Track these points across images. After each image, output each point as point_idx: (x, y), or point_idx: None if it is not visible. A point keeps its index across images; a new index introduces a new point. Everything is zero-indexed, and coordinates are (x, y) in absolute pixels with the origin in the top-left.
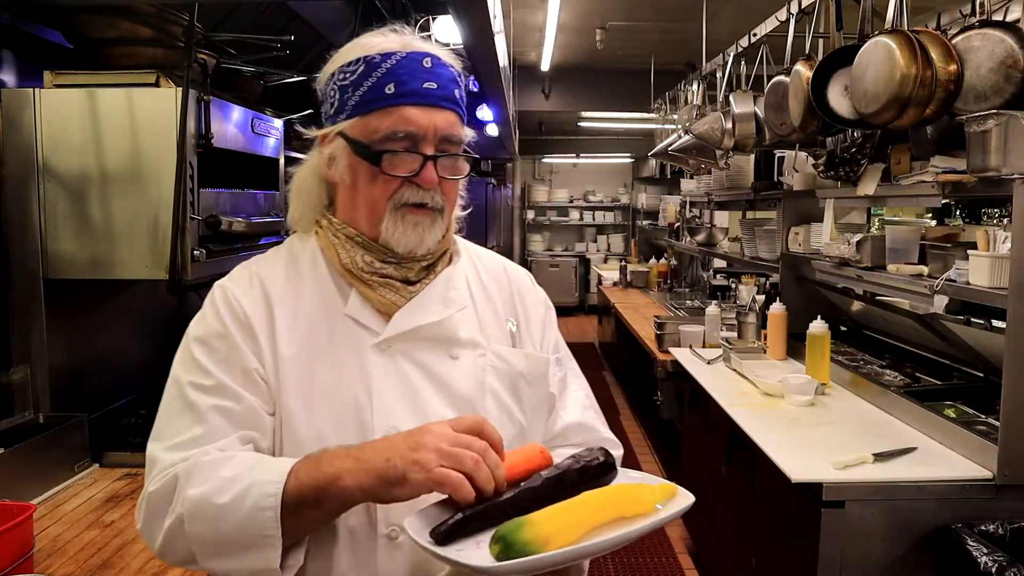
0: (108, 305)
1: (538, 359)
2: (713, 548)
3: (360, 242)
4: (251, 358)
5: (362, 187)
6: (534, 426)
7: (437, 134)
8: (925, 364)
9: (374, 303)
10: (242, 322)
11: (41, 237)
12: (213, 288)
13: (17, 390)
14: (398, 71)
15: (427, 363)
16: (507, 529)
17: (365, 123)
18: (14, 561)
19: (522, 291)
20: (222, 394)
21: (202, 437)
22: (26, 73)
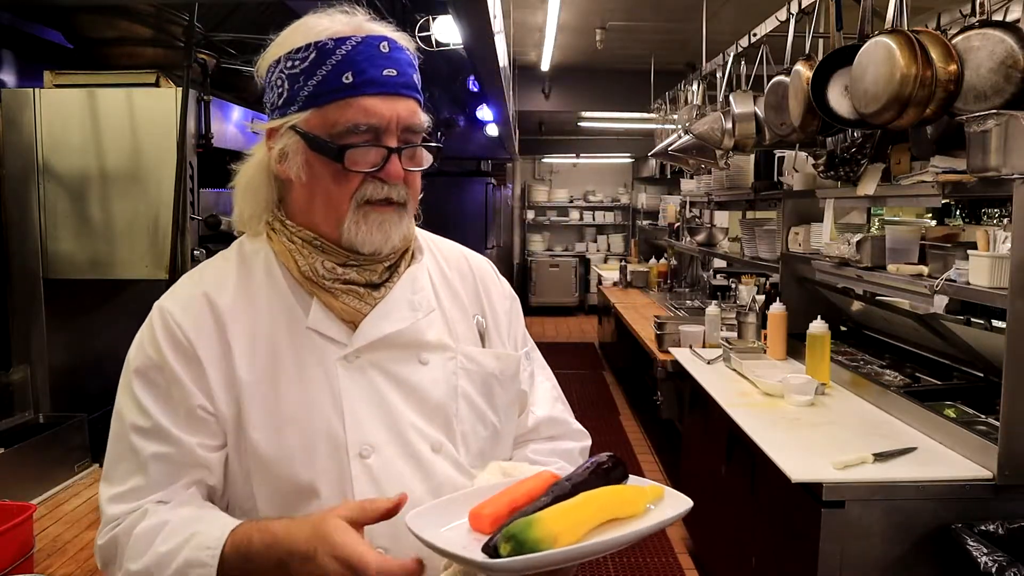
0: (108, 305)
1: (509, 358)
2: (713, 548)
3: (319, 246)
4: (193, 393)
5: (320, 185)
6: (507, 426)
7: (400, 124)
8: (925, 364)
9: (337, 312)
10: (184, 351)
11: (41, 237)
12: (153, 309)
13: (17, 390)
14: (355, 58)
15: (397, 372)
16: (518, 527)
17: (322, 115)
18: (14, 561)
19: (487, 284)
20: (161, 439)
21: (143, 488)
22: (26, 73)
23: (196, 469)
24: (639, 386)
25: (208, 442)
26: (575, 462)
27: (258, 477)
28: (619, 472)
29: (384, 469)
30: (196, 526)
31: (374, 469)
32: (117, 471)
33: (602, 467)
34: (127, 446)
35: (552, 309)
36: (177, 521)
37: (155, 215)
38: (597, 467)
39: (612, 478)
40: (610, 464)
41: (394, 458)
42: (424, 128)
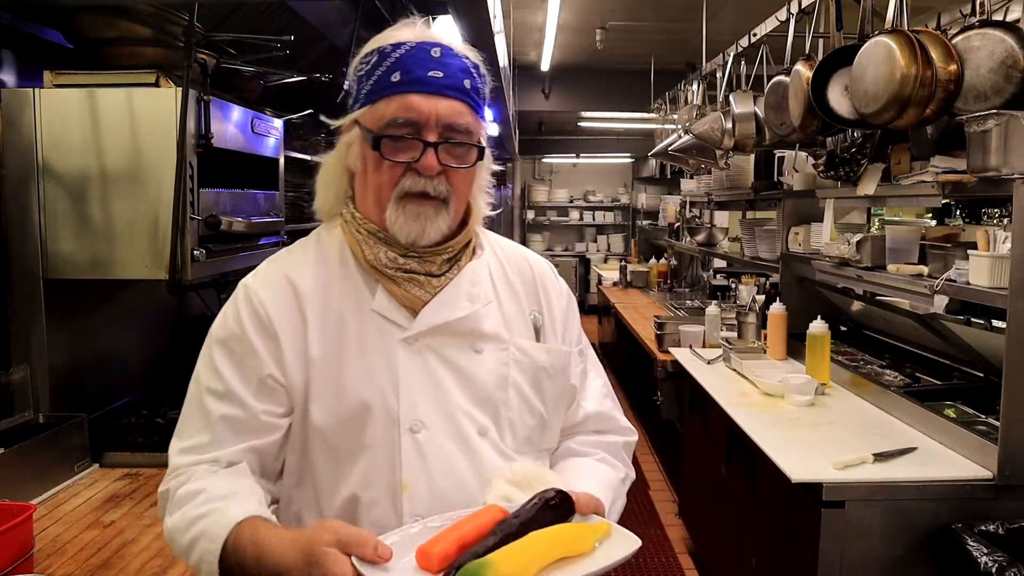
0: (108, 305)
1: (559, 352)
2: (713, 548)
3: (382, 238)
4: (267, 363)
5: (370, 174)
6: (554, 417)
7: (440, 121)
8: (925, 364)
9: (399, 299)
10: (264, 325)
11: (41, 237)
12: (238, 287)
13: (17, 390)
14: (406, 60)
15: (452, 357)
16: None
17: (373, 111)
18: (14, 561)
19: (545, 283)
20: (231, 402)
21: (208, 444)
22: (26, 73)
23: (257, 434)
24: (639, 386)
25: (273, 409)
26: (618, 455)
27: (316, 443)
28: (566, 508)
29: (431, 445)
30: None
31: (422, 444)
32: (187, 428)
33: (550, 503)
34: (200, 406)
35: None
36: (211, 491)
37: (155, 215)
38: (545, 503)
39: (560, 514)
40: (557, 500)
41: (442, 436)
42: (472, 130)
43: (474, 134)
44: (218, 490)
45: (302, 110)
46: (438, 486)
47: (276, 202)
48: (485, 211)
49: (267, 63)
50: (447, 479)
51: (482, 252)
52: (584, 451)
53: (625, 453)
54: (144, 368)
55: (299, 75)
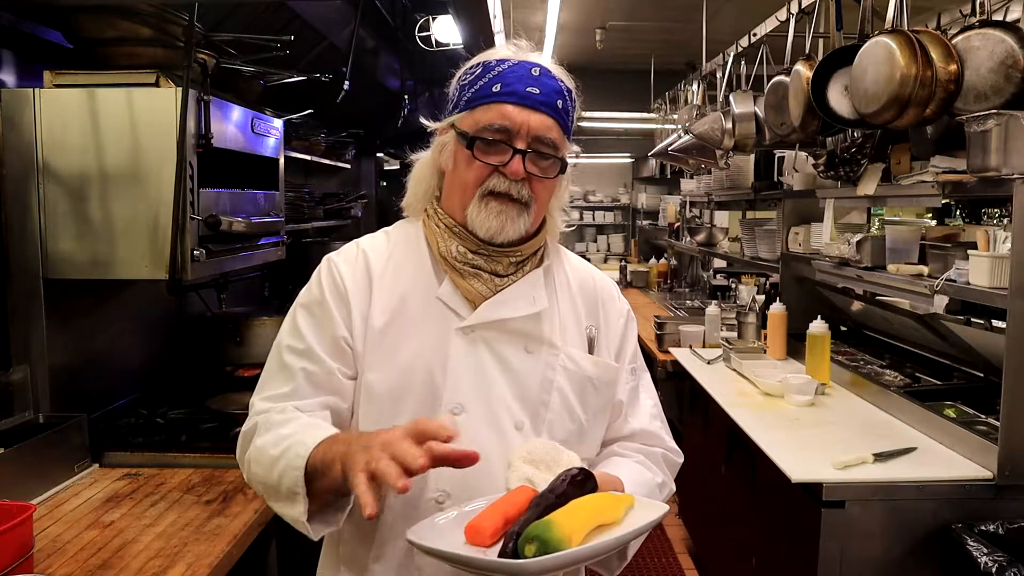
0: (108, 305)
1: (608, 367)
2: (713, 548)
3: (457, 232)
4: (341, 326)
5: (459, 172)
6: (594, 428)
7: (530, 132)
8: (925, 364)
9: (463, 291)
10: (340, 293)
11: (41, 237)
12: (323, 261)
13: (17, 390)
14: (507, 74)
15: (502, 352)
16: (539, 529)
17: (471, 115)
18: (14, 561)
19: (606, 301)
20: (310, 359)
21: (290, 394)
22: (26, 73)
23: (332, 392)
24: None
25: (345, 369)
26: (658, 464)
27: (364, 410)
28: (592, 483)
29: (467, 428)
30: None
31: (459, 425)
32: (270, 382)
33: (576, 479)
34: (280, 364)
35: None
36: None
37: (155, 215)
38: (572, 479)
39: (587, 488)
40: (583, 476)
41: (479, 422)
42: (557, 144)
43: (560, 149)
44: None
45: (302, 110)
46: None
47: (276, 202)
48: (561, 227)
49: (267, 63)
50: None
51: (548, 262)
52: (624, 453)
53: (666, 466)
54: (144, 368)
55: (299, 75)
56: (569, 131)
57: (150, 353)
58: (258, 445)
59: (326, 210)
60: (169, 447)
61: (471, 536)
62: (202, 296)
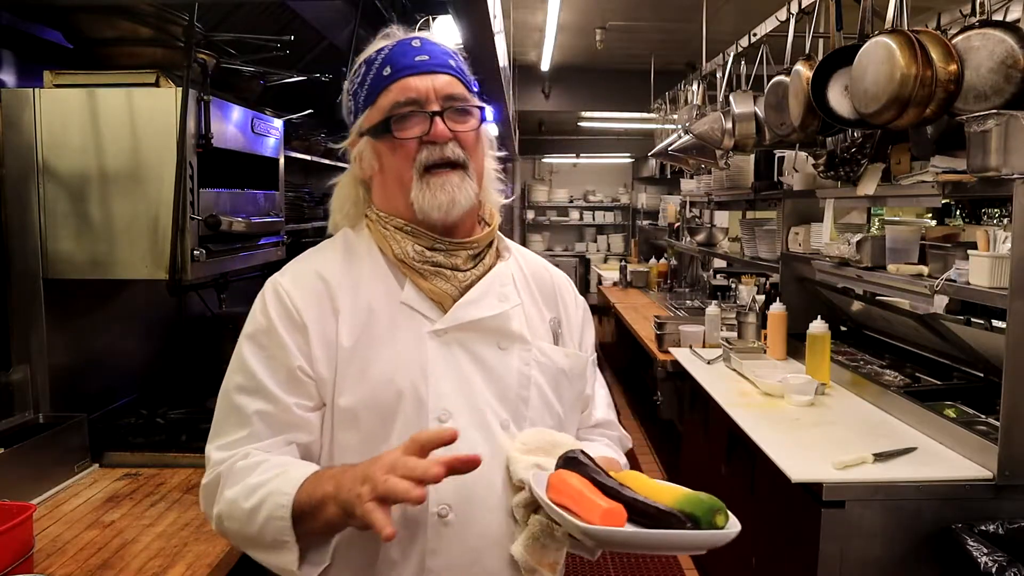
0: (108, 305)
1: (578, 358)
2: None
3: (409, 231)
4: (296, 356)
5: (388, 165)
6: (570, 419)
7: (439, 94)
8: (925, 364)
9: (427, 292)
10: (292, 319)
11: (41, 237)
12: (266, 284)
13: (17, 390)
14: (392, 56)
15: (479, 353)
16: (714, 501)
17: (375, 108)
18: (14, 561)
19: (563, 292)
20: (263, 397)
21: (246, 438)
22: (26, 73)
23: (293, 428)
24: (639, 386)
25: (304, 402)
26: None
27: (344, 432)
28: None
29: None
30: (283, 469)
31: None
32: (223, 427)
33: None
34: (232, 404)
35: None
36: (274, 461)
37: (155, 215)
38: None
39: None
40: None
41: (467, 426)
42: (468, 98)
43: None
44: (277, 460)
45: (302, 110)
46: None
47: (276, 202)
48: (499, 199)
49: (267, 63)
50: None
51: (508, 255)
52: (590, 437)
53: (619, 447)
54: (144, 368)
55: (299, 75)
56: (471, 87)
57: (150, 353)
58: (228, 498)
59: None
60: (169, 447)
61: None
62: (202, 296)
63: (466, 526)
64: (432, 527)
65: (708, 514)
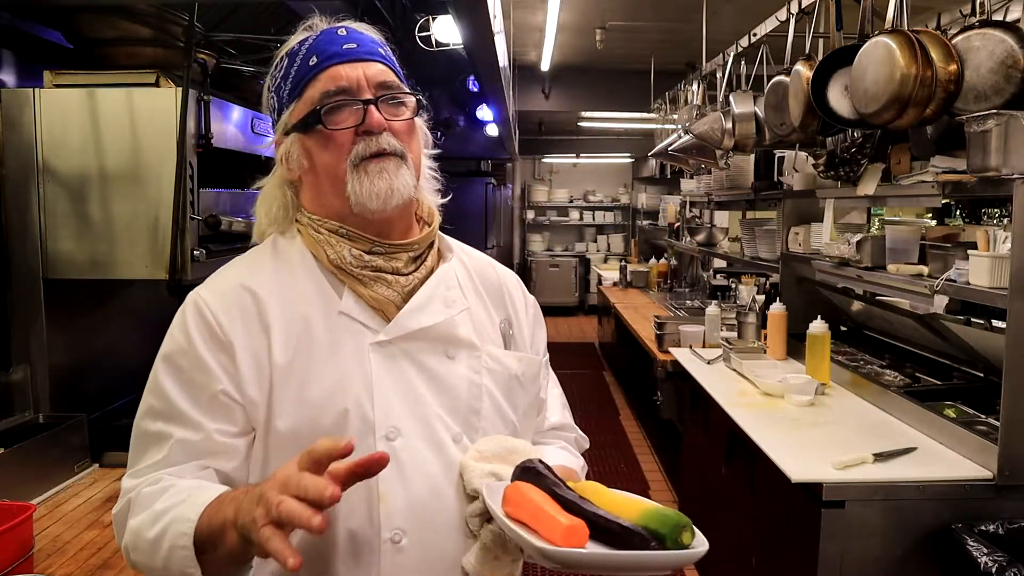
0: (108, 305)
1: (531, 361)
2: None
3: (345, 234)
4: (219, 379)
5: (319, 161)
6: (525, 426)
7: (370, 82)
8: (925, 364)
9: (367, 300)
10: (216, 337)
11: (41, 237)
12: (187, 298)
13: (17, 390)
14: (317, 45)
15: (426, 363)
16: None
17: (302, 101)
18: (14, 561)
19: (512, 292)
20: (180, 423)
21: (159, 463)
22: (26, 73)
23: (212, 456)
24: (639, 386)
25: (228, 428)
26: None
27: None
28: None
29: (408, 453)
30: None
31: (399, 452)
32: (135, 455)
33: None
34: (144, 431)
35: (552, 309)
36: (183, 485)
37: (155, 215)
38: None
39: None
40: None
41: (418, 444)
42: (401, 87)
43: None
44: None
45: None
46: (415, 494)
47: None
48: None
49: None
50: (424, 487)
51: (451, 255)
52: (545, 440)
53: (577, 449)
54: (144, 368)
55: None
56: (403, 77)
57: (150, 353)
58: (132, 528)
59: None
60: None
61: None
62: None
63: (421, 549)
64: (385, 554)
65: (674, 531)
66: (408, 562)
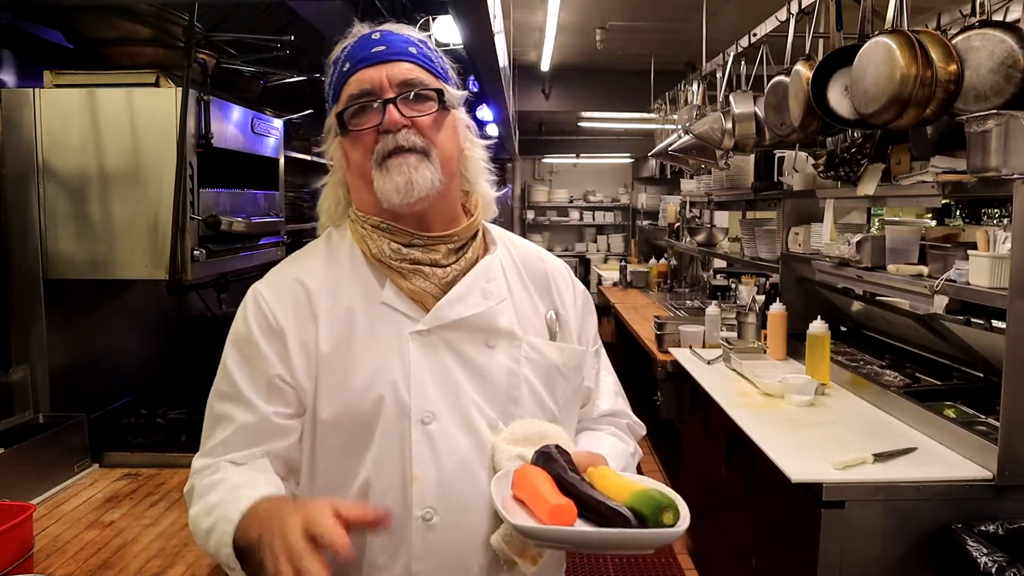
0: (108, 305)
1: (573, 351)
2: (713, 548)
3: (385, 228)
4: (273, 363)
5: (351, 160)
6: (567, 417)
7: (392, 81)
8: (925, 364)
9: (407, 292)
10: (271, 327)
11: (41, 237)
12: (248, 292)
13: (17, 390)
14: (351, 51)
15: (464, 352)
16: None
17: (338, 105)
18: (14, 561)
19: (559, 282)
20: (241, 404)
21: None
22: (26, 73)
23: (271, 438)
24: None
25: (283, 410)
26: (627, 434)
27: (326, 438)
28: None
29: (442, 436)
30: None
31: (433, 435)
32: (207, 431)
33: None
34: (213, 411)
35: None
36: (229, 481)
37: (155, 215)
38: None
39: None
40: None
41: (452, 428)
42: (425, 83)
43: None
44: (236, 479)
45: (302, 110)
46: (447, 476)
47: (276, 202)
48: (491, 192)
49: (267, 63)
50: (457, 469)
51: (495, 248)
52: (595, 427)
53: (631, 435)
54: (144, 368)
55: (299, 75)
56: (438, 71)
57: (150, 353)
58: (192, 516)
59: None
60: (169, 447)
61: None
62: (202, 296)
63: (452, 528)
64: (416, 530)
65: (655, 512)
66: (439, 539)
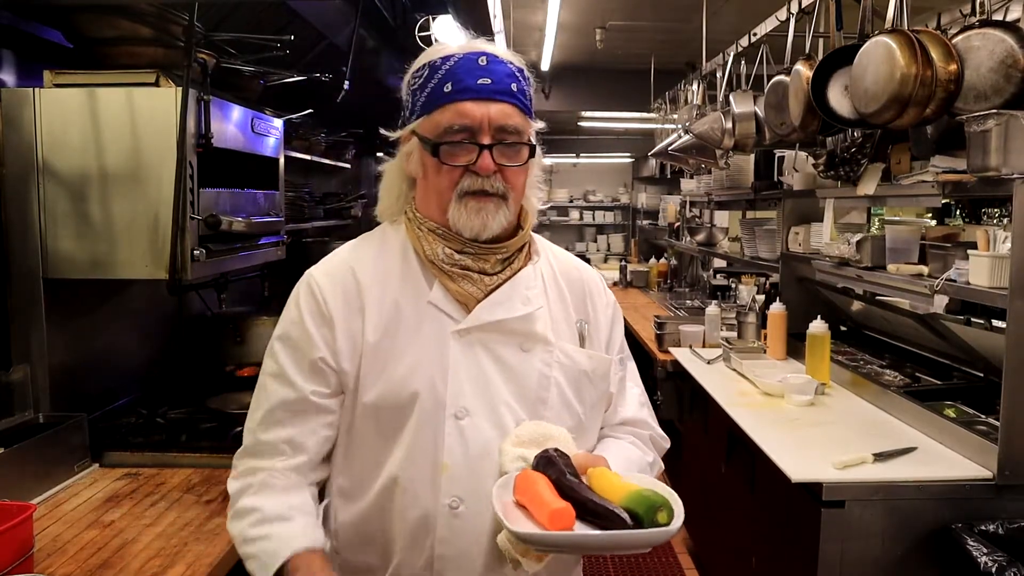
0: (108, 305)
1: (601, 359)
2: (713, 548)
3: (441, 234)
4: (320, 348)
5: (431, 178)
6: (592, 419)
7: (492, 124)
8: (925, 364)
9: (453, 293)
10: (321, 313)
11: (41, 237)
12: (303, 276)
13: (17, 390)
14: (456, 71)
15: (500, 353)
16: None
17: (430, 120)
18: (14, 561)
19: (593, 292)
20: (284, 383)
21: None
22: (26, 73)
23: (307, 415)
24: None
25: (322, 390)
26: (648, 445)
27: (364, 422)
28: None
29: (473, 431)
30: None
31: (465, 430)
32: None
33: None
34: (261, 385)
35: None
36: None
37: (155, 215)
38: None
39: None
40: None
41: (484, 424)
42: (522, 130)
43: (524, 133)
44: (272, 510)
45: (302, 110)
46: (475, 468)
47: (276, 202)
48: (537, 205)
49: (267, 63)
50: (484, 463)
51: (538, 258)
52: (615, 435)
53: (654, 447)
54: (144, 368)
55: (299, 75)
56: (530, 111)
57: (150, 353)
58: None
59: (326, 210)
60: (169, 447)
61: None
62: (202, 296)
63: (475, 516)
64: (443, 517)
65: (650, 512)
66: (463, 528)
